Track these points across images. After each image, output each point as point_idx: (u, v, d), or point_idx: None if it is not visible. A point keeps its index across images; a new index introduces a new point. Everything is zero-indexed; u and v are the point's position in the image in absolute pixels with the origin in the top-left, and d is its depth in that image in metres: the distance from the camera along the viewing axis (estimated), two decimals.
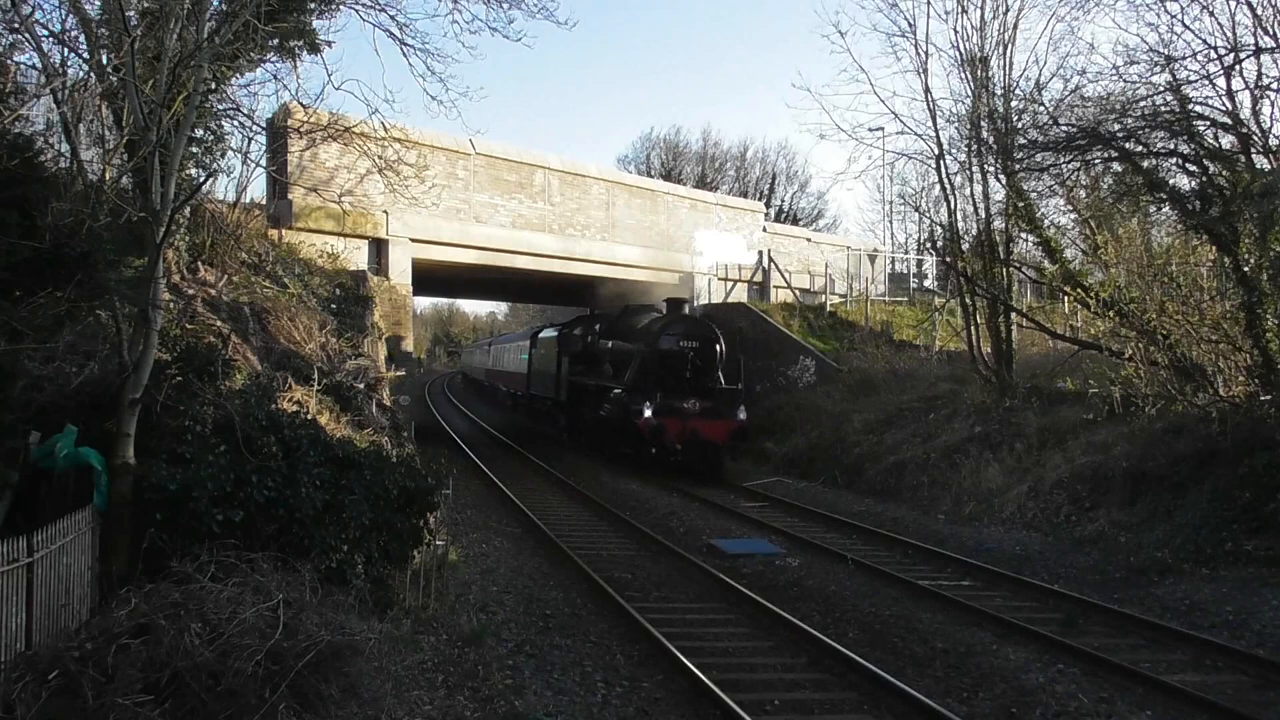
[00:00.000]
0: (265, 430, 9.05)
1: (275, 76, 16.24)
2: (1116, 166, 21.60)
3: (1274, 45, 16.91)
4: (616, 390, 23.19)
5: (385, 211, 22.02)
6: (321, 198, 18.74)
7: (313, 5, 14.91)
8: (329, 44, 15.74)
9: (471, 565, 12.79)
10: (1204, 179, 18.43)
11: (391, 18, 14.55)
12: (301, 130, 18.37)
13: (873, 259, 36.83)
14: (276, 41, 14.65)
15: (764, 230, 34.10)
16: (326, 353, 15.06)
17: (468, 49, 24.06)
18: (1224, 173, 18.36)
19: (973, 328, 21.34)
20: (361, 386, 14.53)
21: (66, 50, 11.28)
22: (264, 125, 16.36)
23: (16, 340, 8.70)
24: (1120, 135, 19.08)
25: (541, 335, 33.94)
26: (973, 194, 22.67)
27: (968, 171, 23.50)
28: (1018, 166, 21.38)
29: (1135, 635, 9.76)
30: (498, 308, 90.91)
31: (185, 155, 11.42)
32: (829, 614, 10.74)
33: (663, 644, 9.17)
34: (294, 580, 7.60)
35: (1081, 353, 19.03)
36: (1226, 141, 18.85)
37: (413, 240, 22.84)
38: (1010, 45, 23.19)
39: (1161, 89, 18.39)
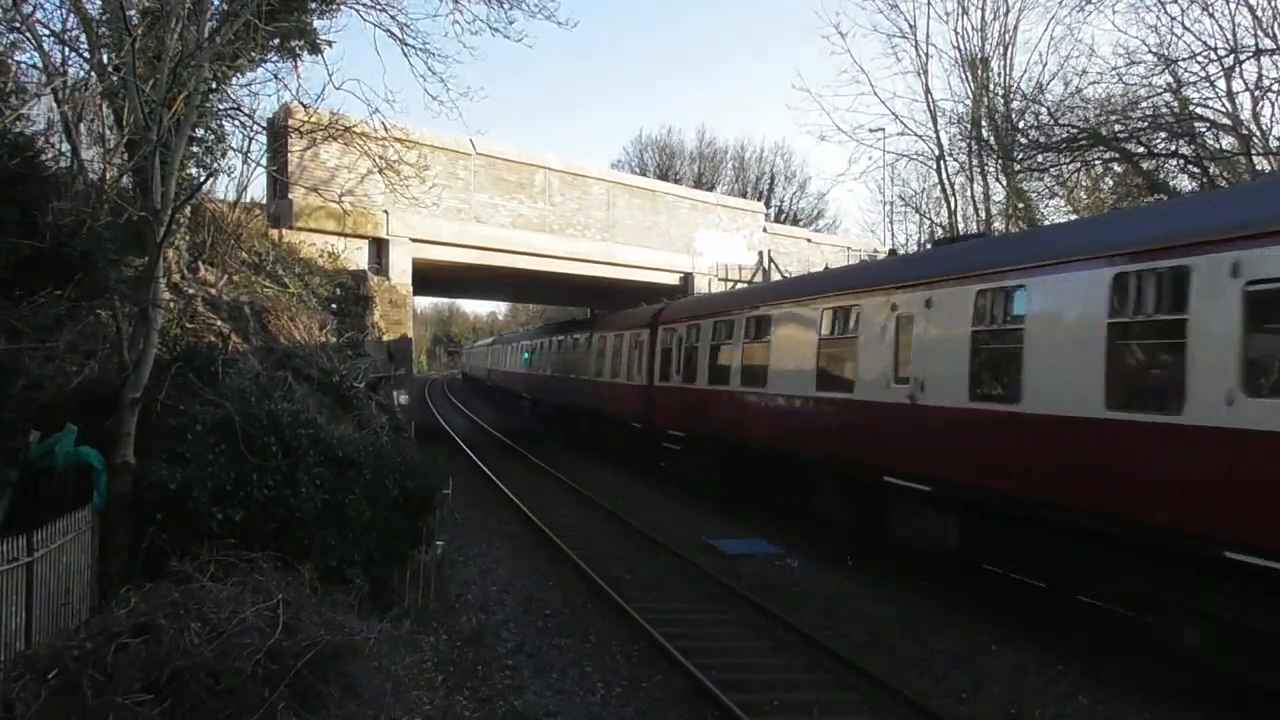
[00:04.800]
0: (265, 430, 9.06)
1: (276, 76, 16.30)
2: (1117, 167, 21.67)
3: (1274, 47, 16.94)
4: None
5: (386, 211, 22.02)
6: (322, 197, 18.75)
7: (313, 5, 14.92)
8: (329, 44, 15.78)
9: (471, 565, 12.79)
10: (1205, 180, 18.47)
11: (392, 18, 14.58)
12: (302, 130, 18.37)
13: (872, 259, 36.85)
14: (277, 41, 14.66)
15: (764, 230, 34.08)
16: (327, 352, 15.07)
17: (468, 49, 24.17)
18: (1224, 174, 18.40)
19: None
20: (362, 386, 14.53)
21: (67, 49, 11.31)
22: (264, 125, 16.36)
23: (17, 339, 8.71)
24: (1121, 136, 19.12)
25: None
26: (973, 194, 22.75)
27: (968, 172, 23.59)
28: (1018, 167, 21.41)
29: None
30: (498, 308, 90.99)
31: (186, 155, 11.43)
32: (828, 615, 10.73)
33: (661, 644, 9.17)
34: (294, 580, 7.60)
35: None
36: (1227, 143, 18.91)
37: (413, 240, 22.84)
38: (1011, 46, 23.29)
39: (1162, 90, 18.44)
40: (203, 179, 13.53)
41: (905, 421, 11.52)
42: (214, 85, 12.79)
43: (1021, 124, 21.91)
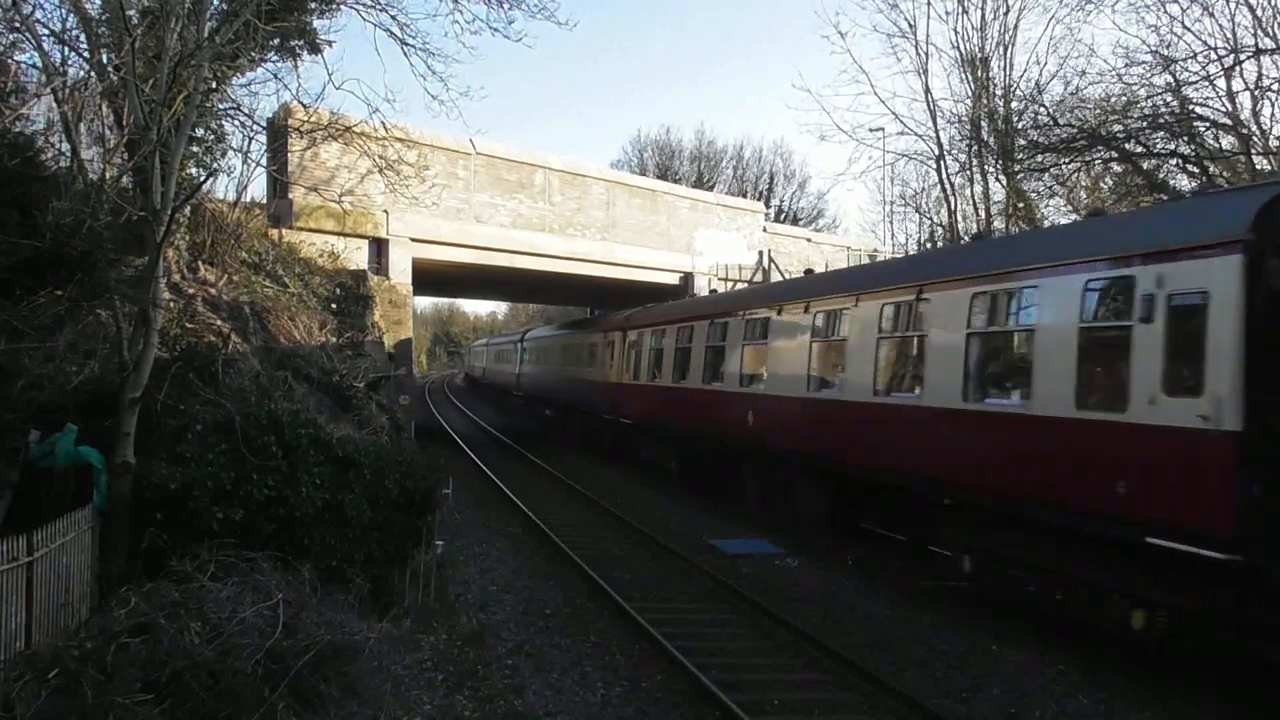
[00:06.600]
0: (265, 429, 9.06)
1: (276, 76, 16.28)
2: (1117, 167, 21.66)
3: (1274, 47, 16.93)
4: None
5: (385, 211, 22.02)
6: (322, 197, 18.74)
7: (313, 5, 14.92)
8: (329, 43, 15.78)
9: (471, 564, 12.79)
10: (1204, 179, 18.45)
11: (392, 18, 14.56)
12: (302, 130, 18.37)
13: (873, 260, 36.82)
14: (277, 41, 14.66)
15: (764, 230, 34.09)
16: (327, 352, 15.07)
17: (468, 49, 24.18)
18: (1224, 173, 18.39)
19: None
20: (361, 386, 14.54)
21: (67, 49, 11.31)
22: (264, 125, 16.36)
23: (17, 339, 8.71)
24: (1121, 136, 19.11)
25: None
26: (973, 194, 22.75)
27: (968, 172, 23.58)
28: (1018, 167, 21.41)
29: None
30: (498, 307, 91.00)
31: (186, 154, 11.43)
32: (828, 615, 10.72)
33: (662, 644, 9.17)
34: (294, 579, 7.61)
35: None
36: (1226, 142, 18.90)
37: (413, 240, 22.84)
38: (1010, 46, 23.27)
39: (1162, 90, 18.43)
40: (203, 179, 13.54)
41: None
42: (214, 85, 12.78)
43: (1021, 124, 21.93)
